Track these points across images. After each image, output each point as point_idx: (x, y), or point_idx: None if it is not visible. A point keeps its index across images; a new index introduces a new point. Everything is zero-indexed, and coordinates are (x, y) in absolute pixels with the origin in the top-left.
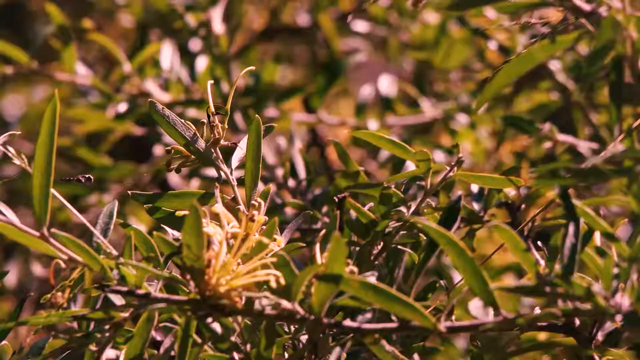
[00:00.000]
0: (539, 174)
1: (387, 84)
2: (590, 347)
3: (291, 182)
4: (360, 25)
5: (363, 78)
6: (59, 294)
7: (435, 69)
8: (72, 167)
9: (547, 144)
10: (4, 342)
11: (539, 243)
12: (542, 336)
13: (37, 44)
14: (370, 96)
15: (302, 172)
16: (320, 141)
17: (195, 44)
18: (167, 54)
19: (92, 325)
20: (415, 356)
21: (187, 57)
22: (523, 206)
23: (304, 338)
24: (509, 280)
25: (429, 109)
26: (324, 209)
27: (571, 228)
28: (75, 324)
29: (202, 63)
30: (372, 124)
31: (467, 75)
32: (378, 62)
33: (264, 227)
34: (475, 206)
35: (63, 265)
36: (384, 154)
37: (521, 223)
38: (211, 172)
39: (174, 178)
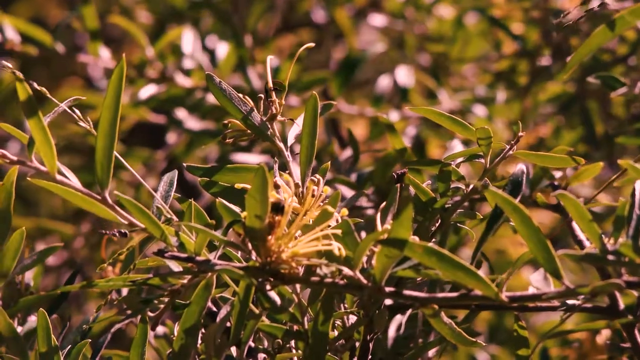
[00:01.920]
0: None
1: (404, 75)
2: (634, 330)
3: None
4: (376, 20)
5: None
6: (110, 267)
7: (452, 64)
8: (84, 156)
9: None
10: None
11: None
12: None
13: (61, 29)
14: (388, 87)
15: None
16: (340, 132)
17: (213, 41)
18: (188, 39)
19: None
20: None
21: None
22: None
23: (353, 318)
24: (526, 274)
25: (447, 100)
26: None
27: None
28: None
29: (222, 49)
30: (393, 115)
31: (483, 66)
32: (394, 58)
33: (323, 202)
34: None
35: (115, 238)
36: None
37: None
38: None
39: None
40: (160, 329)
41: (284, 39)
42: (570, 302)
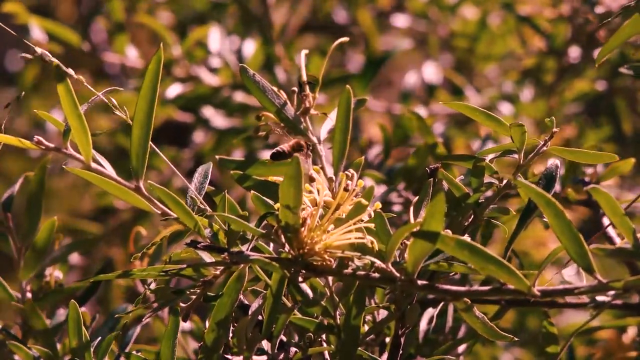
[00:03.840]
0: None
1: (431, 72)
2: None
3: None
4: (400, 21)
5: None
6: (137, 261)
7: (476, 64)
8: (110, 154)
9: None
10: (82, 308)
11: None
12: None
13: (89, 26)
14: (416, 84)
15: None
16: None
17: (235, 42)
18: (215, 37)
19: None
20: None
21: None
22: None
23: (383, 313)
24: (549, 274)
25: (473, 97)
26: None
27: None
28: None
29: (249, 48)
30: (420, 112)
31: (508, 65)
32: (418, 58)
33: (356, 197)
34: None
35: (144, 232)
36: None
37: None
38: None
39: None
40: (184, 325)
41: (306, 38)
42: (599, 298)
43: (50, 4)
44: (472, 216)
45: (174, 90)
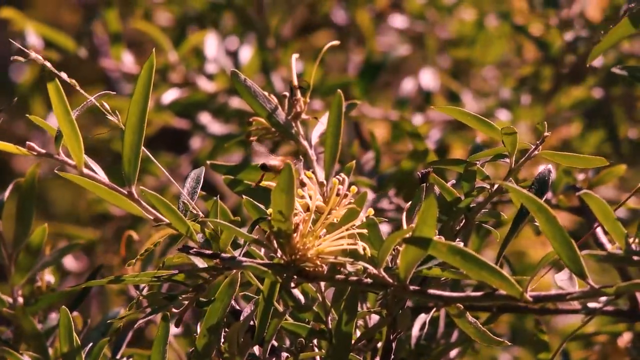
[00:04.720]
0: None
1: (428, 78)
2: None
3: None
4: (397, 21)
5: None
6: (130, 266)
7: (473, 67)
8: (105, 160)
9: None
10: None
11: None
12: None
13: (85, 34)
14: (412, 90)
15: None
16: (362, 135)
17: (233, 43)
18: (211, 43)
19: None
20: None
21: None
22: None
23: (375, 318)
24: (548, 275)
25: (470, 103)
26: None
27: None
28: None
29: (246, 53)
30: (417, 118)
31: (505, 70)
32: (415, 60)
33: (348, 201)
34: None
35: (136, 237)
36: None
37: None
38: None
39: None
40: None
41: (304, 40)
42: (591, 305)
43: (56, 17)
44: (464, 220)
45: (170, 95)
